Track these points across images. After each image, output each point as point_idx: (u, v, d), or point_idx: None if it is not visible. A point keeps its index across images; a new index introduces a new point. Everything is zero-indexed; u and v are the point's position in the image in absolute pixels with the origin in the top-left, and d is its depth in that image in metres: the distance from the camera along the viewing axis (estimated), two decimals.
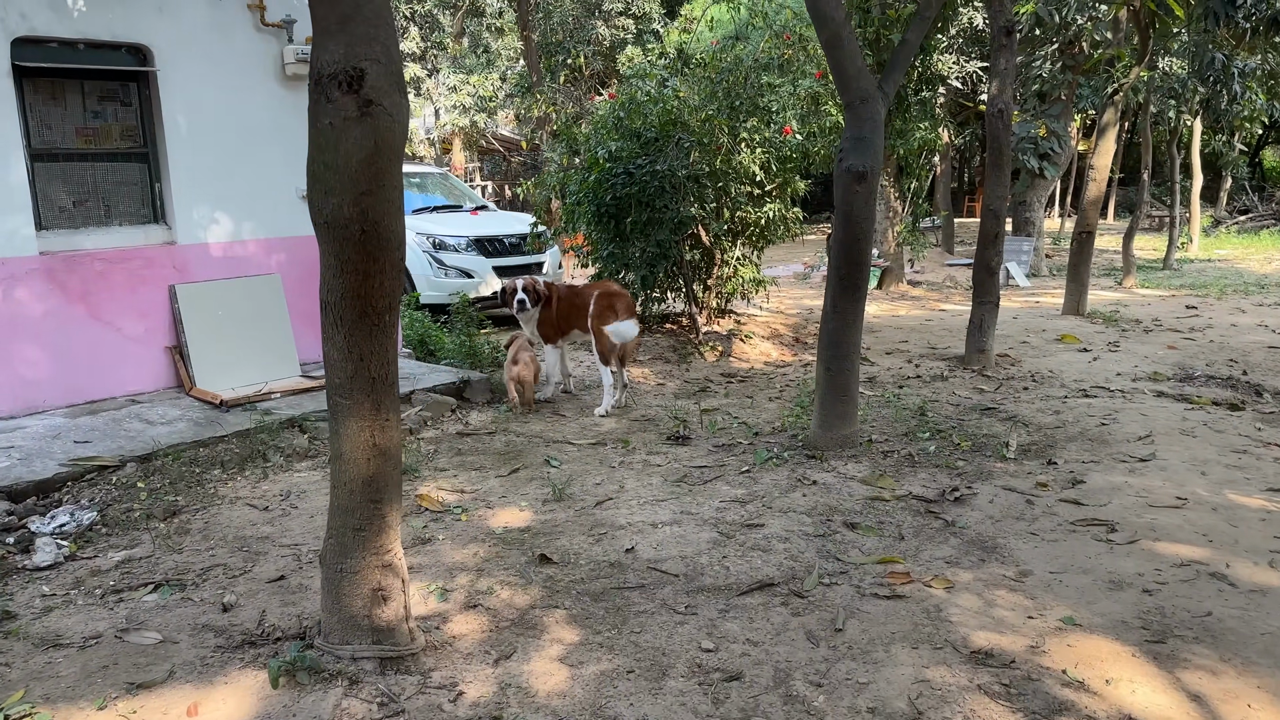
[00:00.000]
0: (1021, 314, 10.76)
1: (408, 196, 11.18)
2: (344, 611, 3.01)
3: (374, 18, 2.57)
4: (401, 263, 2.80)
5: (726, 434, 5.79)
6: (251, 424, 5.28)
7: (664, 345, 8.35)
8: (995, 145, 7.43)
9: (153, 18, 5.48)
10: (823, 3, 5.11)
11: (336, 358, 2.84)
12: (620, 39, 20.56)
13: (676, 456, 5.35)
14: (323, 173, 2.62)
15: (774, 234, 8.91)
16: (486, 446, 5.51)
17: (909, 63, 5.42)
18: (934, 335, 9.34)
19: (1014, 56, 7.40)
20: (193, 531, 4.26)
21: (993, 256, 7.55)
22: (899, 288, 13.50)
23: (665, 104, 7.57)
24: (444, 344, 7.04)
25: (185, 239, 5.80)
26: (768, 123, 8.32)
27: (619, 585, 3.60)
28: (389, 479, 2.98)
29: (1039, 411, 6.18)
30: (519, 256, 10.16)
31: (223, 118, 5.82)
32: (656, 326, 8.93)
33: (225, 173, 5.86)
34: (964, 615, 3.32)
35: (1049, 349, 8.48)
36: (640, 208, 7.39)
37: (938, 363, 7.86)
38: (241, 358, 5.89)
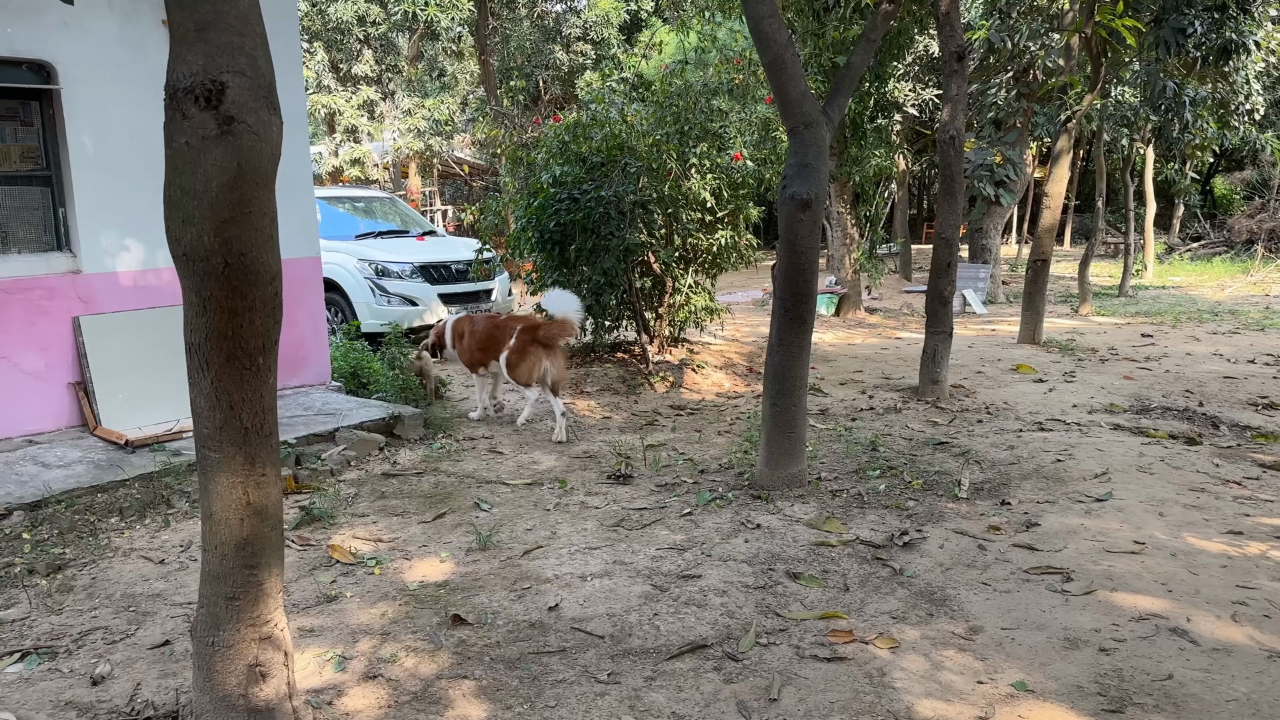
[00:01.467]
0: (977, 343, 10.64)
1: (351, 221, 10.86)
2: (217, 690, 2.66)
3: (239, 25, 2.29)
4: (276, 299, 2.50)
5: (671, 472, 5.51)
6: (157, 466, 4.91)
7: (613, 376, 8.07)
8: (948, 172, 7.28)
9: (57, 33, 5.14)
10: (765, 25, 4.92)
11: (204, 406, 2.52)
12: (579, 64, 20.43)
13: (616, 497, 5.05)
14: (180, 199, 2.32)
15: (726, 261, 8.71)
16: (413, 488, 5.18)
17: (854, 86, 5.24)
18: (889, 365, 9.16)
19: (965, 83, 7.28)
20: (77, 589, 3.88)
21: (946, 285, 7.38)
22: (856, 315, 13.36)
23: (611, 128, 7.34)
24: (378, 376, 6.70)
25: (91, 267, 5.43)
26: (719, 149, 8.13)
27: (538, 650, 3.29)
28: (267, 541, 2.65)
29: (993, 446, 5.98)
30: (466, 284, 9.86)
31: (134, 138, 5.47)
32: (607, 356, 8.66)
33: (137, 196, 5.51)
34: (909, 680, 3.05)
35: (1004, 379, 8.33)
36: (585, 234, 7.13)
37: (891, 394, 7.66)
38: (152, 394, 5.52)
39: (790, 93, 4.90)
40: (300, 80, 6.31)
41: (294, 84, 6.20)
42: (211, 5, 2.26)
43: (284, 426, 5.62)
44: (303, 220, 6.36)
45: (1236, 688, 2.96)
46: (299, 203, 6.33)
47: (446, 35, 20.22)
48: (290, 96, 6.07)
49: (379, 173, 20.28)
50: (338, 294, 9.69)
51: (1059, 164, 9.85)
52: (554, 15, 21.56)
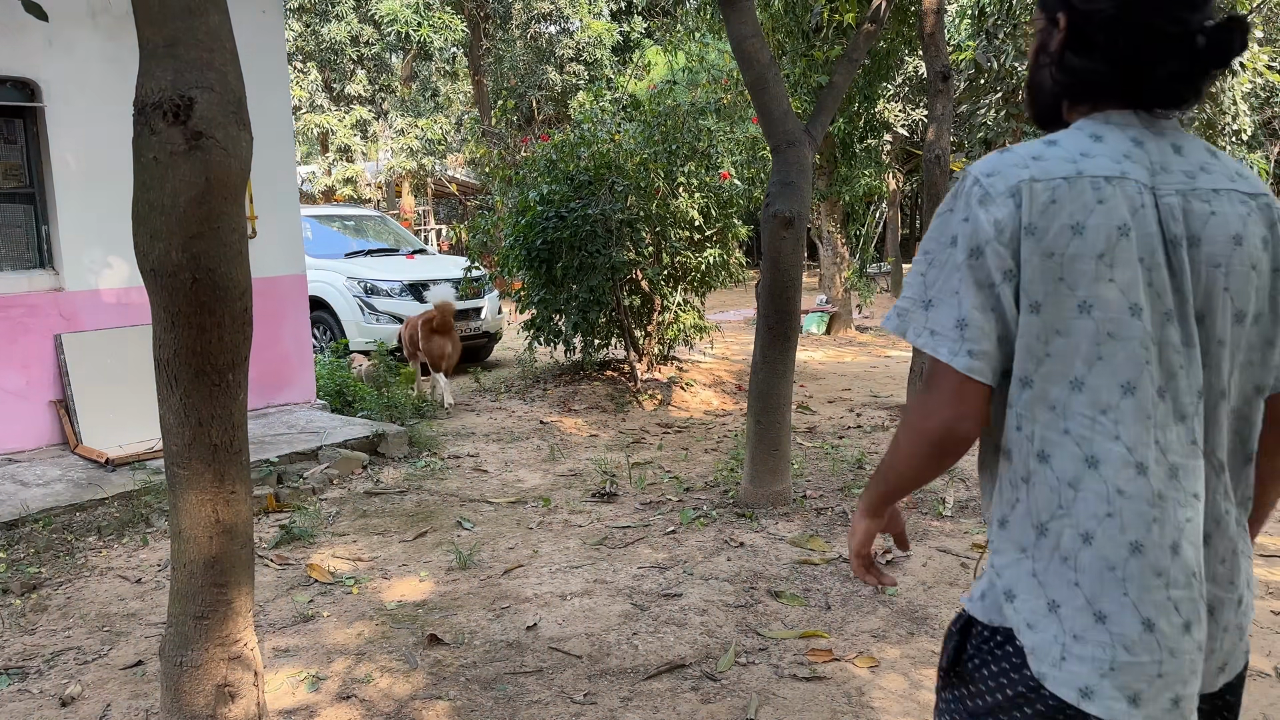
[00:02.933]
0: None
1: (341, 240, 10.86)
2: (184, 711, 2.63)
3: (208, 40, 2.29)
4: (245, 314, 2.49)
5: (656, 490, 5.49)
6: (137, 485, 4.88)
7: (601, 394, 8.06)
8: (934, 192, 7.30)
9: (41, 50, 5.15)
10: (748, 45, 4.95)
11: (173, 422, 2.50)
12: (572, 84, 20.54)
13: (600, 516, 5.03)
14: (147, 214, 2.31)
15: (715, 279, 8.72)
16: (395, 507, 5.15)
17: (837, 105, 5.27)
18: (878, 383, 9.16)
19: (950, 102, 7.32)
20: (51, 608, 3.84)
21: None
22: (847, 333, 13.38)
23: (599, 147, 7.37)
24: (363, 394, 6.67)
25: (74, 285, 5.41)
26: (706, 167, 8.16)
27: (514, 670, 3.26)
28: (236, 560, 2.62)
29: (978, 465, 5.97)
30: (456, 302, 9.84)
31: (118, 156, 5.45)
32: (595, 374, 8.65)
33: (120, 214, 5.47)
34: (887, 699, 3.02)
35: None
36: (572, 252, 7.14)
37: (879, 412, 7.66)
38: (135, 412, 5.49)
39: (773, 111, 4.92)
40: (286, 97, 6.33)
41: (280, 101, 6.23)
42: (181, 21, 2.27)
43: (266, 445, 5.60)
44: (288, 238, 6.37)
45: None
46: (284, 220, 6.33)
47: (440, 56, 20.33)
48: (275, 114, 6.09)
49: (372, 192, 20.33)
50: (326, 312, 9.68)
51: None
52: (547, 36, 21.71)
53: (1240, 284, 1.22)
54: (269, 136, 6.09)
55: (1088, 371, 1.17)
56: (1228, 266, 1.22)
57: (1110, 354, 1.16)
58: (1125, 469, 1.16)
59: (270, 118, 6.07)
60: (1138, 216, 1.17)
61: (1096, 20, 1.22)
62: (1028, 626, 1.20)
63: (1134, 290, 1.16)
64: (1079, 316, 1.17)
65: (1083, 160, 1.20)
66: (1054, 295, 1.17)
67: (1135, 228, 1.17)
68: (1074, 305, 1.16)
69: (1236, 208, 1.23)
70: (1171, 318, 1.18)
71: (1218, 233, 1.21)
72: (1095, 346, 1.17)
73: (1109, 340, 1.16)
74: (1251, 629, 1.33)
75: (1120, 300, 1.16)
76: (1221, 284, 1.22)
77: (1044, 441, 1.21)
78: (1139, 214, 1.18)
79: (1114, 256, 1.16)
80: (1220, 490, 1.25)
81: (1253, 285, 1.24)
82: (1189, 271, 1.19)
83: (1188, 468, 1.19)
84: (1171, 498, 1.17)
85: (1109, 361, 1.16)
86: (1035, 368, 1.20)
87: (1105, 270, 1.15)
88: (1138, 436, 1.16)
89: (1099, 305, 1.16)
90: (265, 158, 6.01)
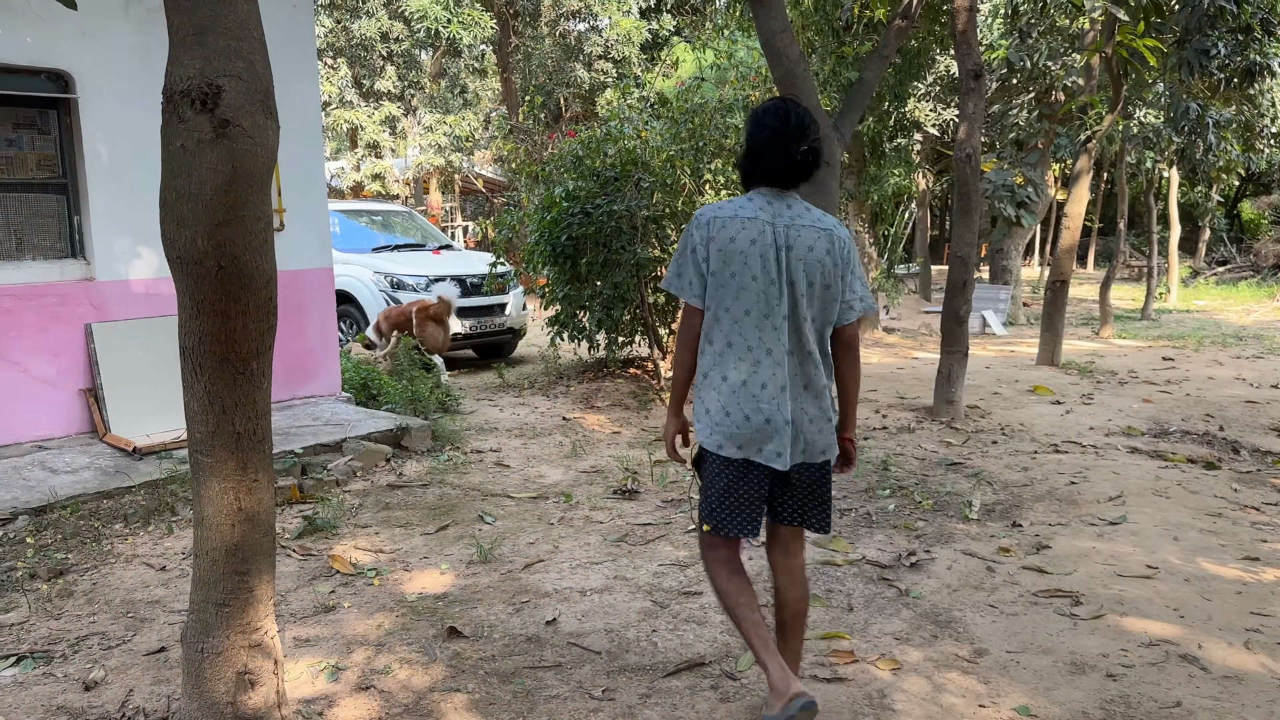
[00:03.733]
0: (995, 363, 10.53)
1: (368, 234, 10.93)
2: (205, 697, 2.64)
3: (237, 29, 2.29)
4: (270, 303, 2.49)
5: (678, 488, 5.47)
6: (163, 473, 4.92)
7: (624, 391, 8.05)
8: (964, 191, 7.23)
9: (75, 42, 5.21)
10: (777, 40, 4.91)
11: (197, 410, 2.51)
12: (600, 82, 20.54)
13: (621, 512, 5.01)
14: (175, 202, 2.32)
15: None
16: (418, 500, 5.16)
17: (866, 102, 5.22)
18: (904, 384, 9.08)
19: (982, 101, 7.24)
20: (77, 594, 3.88)
21: (961, 304, 7.31)
22: (874, 334, 13.28)
23: (625, 143, 7.35)
24: (387, 388, 6.70)
25: (105, 275, 5.47)
26: (733, 165, 8.11)
27: (533, 664, 3.25)
28: (258, 548, 2.63)
29: (1007, 468, 5.89)
30: (480, 297, 9.86)
31: (149, 147, 5.51)
32: (619, 372, 8.64)
33: (150, 205, 5.53)
34: (909, 702, 2.98)
35: (1021, 401, 8.22)
36: (597, 248, 7.13)
37: (905, 413, 7.58)
38: (163, 401, 5.54)
39: None
40: (315, 91, 6.37)
41: (308, 94, 6.26)
42: (210, 9, 2.27)
43: (291, 436, 5.63)
44: (315, 232, 6.40)
45: (1247, 716, 2.87)
46: (312, 214, 6.37)
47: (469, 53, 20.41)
48: (304, 107, 6.13)
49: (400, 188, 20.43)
50: (353, 306, 9.74)
51: (1079, 185, 9.76)
52: (576, 34, 21.74)
53: (812, 269, 2.59)
54: (297, 129, 6.13)
55: (732, 303, 2.57)
56: (805, 260, 2.58)
57: (741, 296, 2.55)
58: (744, 348, 2.56)
59: (298, 111, 6.11)
60: (763, 235, 2.55)
61: (756, 147, 2.63)
62: (700, 423, 2.66)
63: (755, 267, 2.54)
64: (729, 280, 2.56)
65: (740, 209, 2.59)
66: (720, 269, 2.56)
67: (759, 241, 2.54)
68: (728, 274, 2.56)
69: (812, 233, 2.60)
70: (774, 282, 2.55)
71: (800, 244, 2.58)
72: (735, 293, 2.56)
73: (741, 290, 2.55)
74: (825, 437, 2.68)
75: (746, 272, 2.54)
76: (801, 268, 2.58)
77: (711, 332, 2.62)
78: (763, 234, 2.55)
79: (747, 253, 2.54)
80: (810, 364, 2.63)
81: (818, 270, 2.60)
82: (786, 261, 2.57)
83: (775, 350, 2.57)
84: (764, 362, 2.57)
85: (740, 299, 2.55)
86: (713, 301, 2.59)
87: (741, 259, 2.54)
88: (751, 334, 2.56)
89: (738, 274, 2.55)
90: (293, 151, 6.06)
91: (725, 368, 2.61)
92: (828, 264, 2.62)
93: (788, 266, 2.59)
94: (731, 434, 2.61)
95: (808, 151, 2.62)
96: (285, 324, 6.20)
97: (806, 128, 2.61)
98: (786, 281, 2.59)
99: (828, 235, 2.64)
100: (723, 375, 2.62)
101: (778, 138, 2.60)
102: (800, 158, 2.61)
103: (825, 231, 2.64)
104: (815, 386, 2.66)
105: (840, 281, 2.66)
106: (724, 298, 2.59)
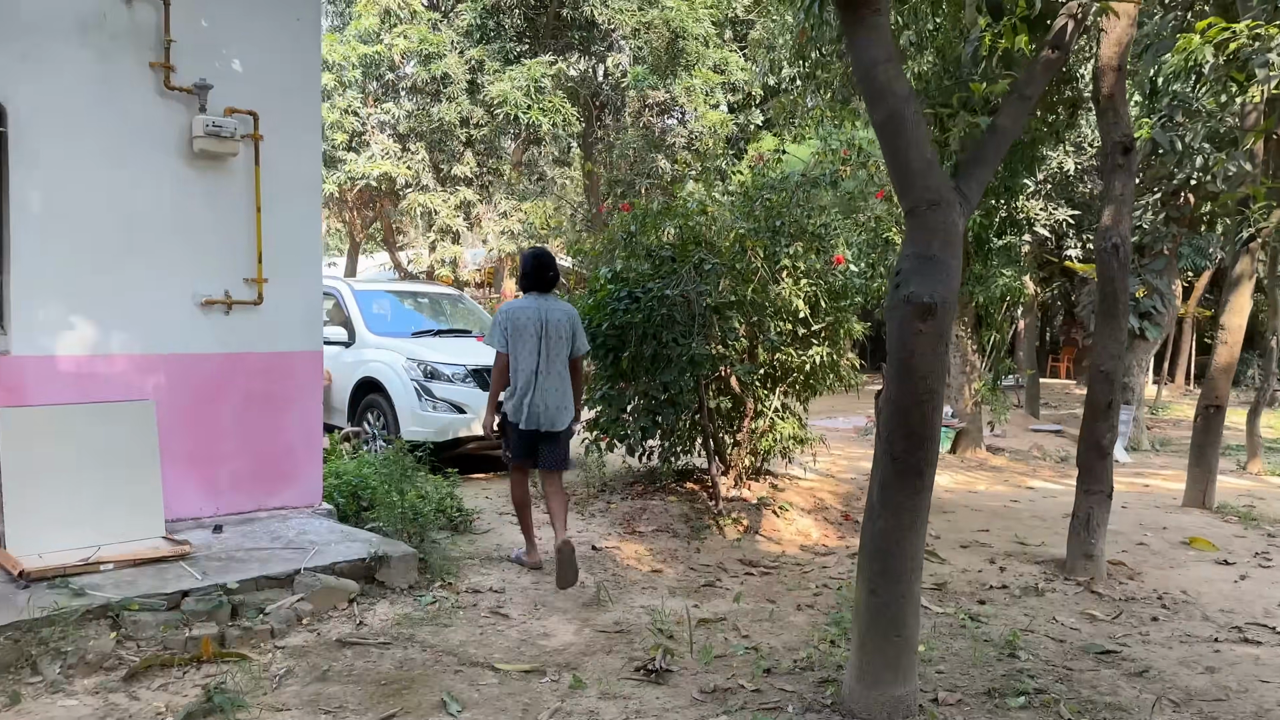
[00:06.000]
0: (1131, 501, 8.74)
1: (412, 317, 9.95)
2: None
3: None
4: None
5: (726, 666, 4.02)
6: (39, 611, 3.72)
7: (674, 513, 6.64)
8: (1109, 289, 5.76)
9: (13, 66, 4.31)
10: (879, 73, 3.65)
11: None
12: (682, 174, 19.73)
13: (642, 706, 3.59)
14: None
15: (821, 383, 7.30)
16: (370, 667, 3.83)
17: (1000, 158, 3.90)
18: (1022, 524, 7.43)
19: (1132, 180, 5.82)
20: None
21: (1105, 431, 5.76)
22: (977, 454, 11.58)
23: (687, 219, 6.15)
24: (382, 499, 5.44)
25: (23, 348, 4.43)
26: (817, 250, 6.85)
27: None
28: None
29: (1181, 664, 4.26)
30: None
31: (98, 198, 4.56)
32: (672, 485, 7.25)
33: (94, 267, 4.56)
34: None
35: (1176, 557, 6.50)
36: (645, 340, 5.87)
37: (1029, 567, 5.97)
38: (81, 510, 4.41)
39: (910, 160, 3.58)
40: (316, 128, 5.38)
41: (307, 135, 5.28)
42: None
43: (232, 564, 4.42)
44: (304, 306, 5.32)
45: None
46: (302, 285, 5.30)
47: (550, 142, 19.94)
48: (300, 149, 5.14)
49: (469, 274, 19.75)
50: (381, 395, 8.66)
51: (1237, 291, 8.14)
52: (660, 126, 21.14)
53: (557, 332, 5.15)
54: (286, 182, 5.13)
55: (519, 350, 5.10)
56: (556, 330, 5.15)
57: (521, 349, 5.09)
58: (526, 372, 5.09)
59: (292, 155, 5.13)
60: (535, 318, 5.12)
61: (530, 274, 5.25)
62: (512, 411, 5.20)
63: (528, 336, 5.09)
64: (518, 341, 5.10)
65: (524, 303, 5.22)
66: (515, 337, 5.11)
67: (534, 322, 5.12)
68: (518, 339, 5.10)
69: (561, 314, 5.21)
70: (537, 343, 5.10)
71: (554, 321, 5.17)
72: (520, 346, 5.09)
73: (522, 347, 5.10)
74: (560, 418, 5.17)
75: (521, 339, 5.09)
76: (555, 333, 5.14)
77: (515, 364, 5.11)
78: (535, 317, 5.13)
79: (525, 330, 5.10)
80: (554, 377, 5.14)
81: (564, 333, 5.19)
82: (546, 331, 5.12)
83: (537, 374, 5.09)
84: (534, 378, 5.10)
85: (519, 350, 5.10)
86: (513, 350, 5.13)
87: (523, 333, 5.10)
88: (528, 366, 5.09)
89: (521, 340, 5.09)
90: (279, 207, 5.07)
91: (519, 380, 5.12)
92: (564, 329, 5.18)
93: (547, 333, 5.10)
94: (521, 412, 5.12)
95: (553, 275, 5.26)
96: (260, 418, 5.08)
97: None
98: (544, 338, 5.11)
99: (567, 313, 5.23)
100: (519, 386, 5.13)
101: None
102: (552, 276, 5.27)
103: (564, 312, 5.22)
104: (557, 388, 5.17)
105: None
106: (516, 348, 5.10)
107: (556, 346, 5.07)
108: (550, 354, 5.04)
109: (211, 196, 4.87)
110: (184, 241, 4.80)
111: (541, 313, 5.05)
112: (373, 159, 17.95)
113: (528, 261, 5.22)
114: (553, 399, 5.07)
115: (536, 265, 5.18)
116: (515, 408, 5.09)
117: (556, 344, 5.07)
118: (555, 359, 5.07)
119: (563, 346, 5.11)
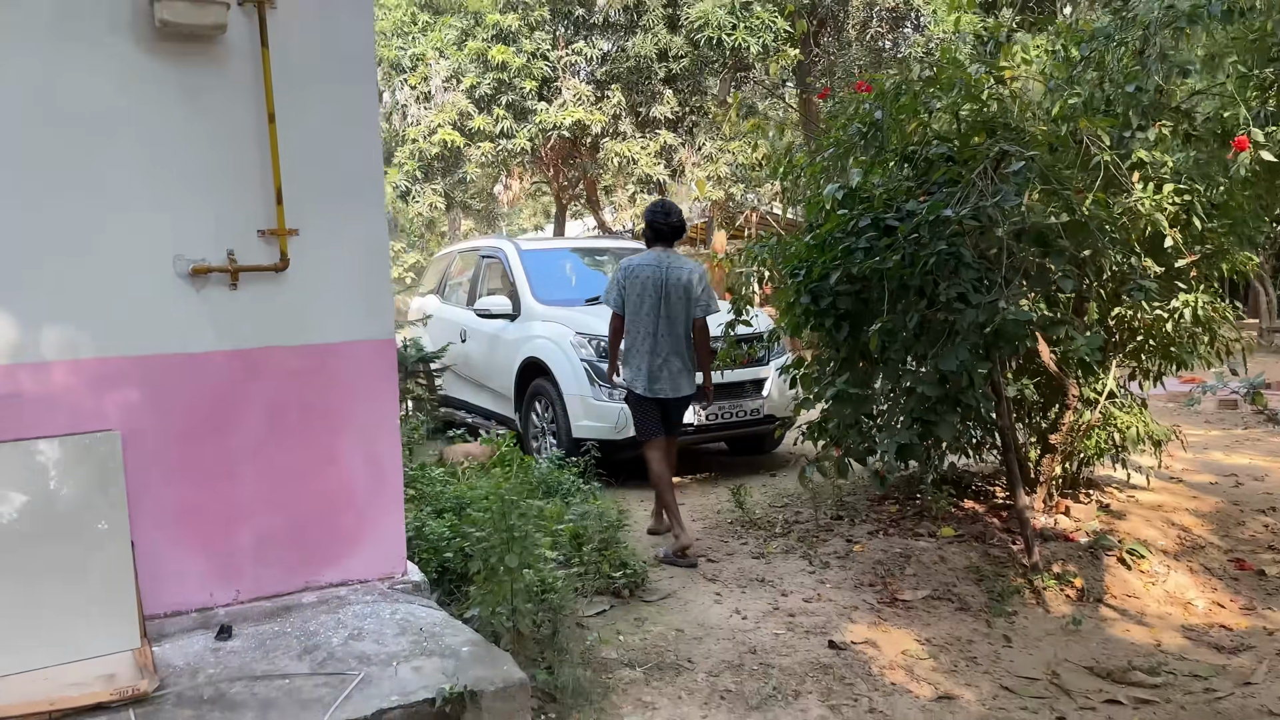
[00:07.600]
0: None
1: (586, 280, 7.98)
2: None
3: None
4: None
5: None
6: None
7: (957, 564, 4.29)
8: None
9: None
10: None
11: None
12: None
13: None
14: None
15: (1188, 350, 4.62)
16: None
17: None
18: None
19: None
20: None
21: None
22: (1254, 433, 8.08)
23: (972, 90, 3.68)
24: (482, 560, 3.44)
25: None
26: (1187, 134, 4.16)
27: None
28: None
29: None
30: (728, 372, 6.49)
31: (13, 106, 2.85)
32: (951, 505, 4.89)
33: (11, 221, 2.86)
34: None
35: None
36: (902, 297, 3.52)
37: None
38: (9, 615, 2.76)
39: None
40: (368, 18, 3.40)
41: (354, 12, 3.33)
42: None
43: (220, 713, 2.60)
44: (361, 274, 3.40)
45: None
46: (356, 239, 3.38)
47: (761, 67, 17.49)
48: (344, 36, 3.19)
49: None
50: (547, 380, 6.81)
51: None
52: (890, 40, 18.11)
53: (678, 293, 4.72)
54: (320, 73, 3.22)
55: (635, 314, 4.76)
56: (677, 289, 4.72)
57: (639, 310, 4.74)
58: (642, 336, 4.74)
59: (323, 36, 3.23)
60: (654, 277, 4.72)
61: (651, 225, 4.96)
62: (630, 380, 4.84)
63: (647, 296, 4.73)
64: (637, 301, 4.75)
65: (645, 259, 4.83)
66: (632, 296, 4.76)
67: (653, 280, 4.72)
68: (636, 299, 4.75)
69: (684, 272, 4.74)
70: (657, 303, 4.72)
71: (675, 279, 4.72)
72: (638, 307, 4.74)
73: (639, 308, 4.75)
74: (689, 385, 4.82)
75: (640, 300, 4.74)
76: (675, 293, 4.72)
77: (630, 328, 4.81)
78: (654, 275, 4.73)
79: (643, 288, 4.73)
80: (679, 350, 4.77)
81: (681, 294, 4.73)
82: (666, 291, 4.71)
83: (656, 338, 4.72)
84: (651, 344, 4.73)
85: (638, 311, 4.75)
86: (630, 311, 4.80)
87: (639, 292, 4.74)
88: (646, 329, 4.72)
89: (640, 300, 4.74)
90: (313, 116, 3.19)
91: (636, 346, 4.93)
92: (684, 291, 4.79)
93: (667, 292, 4.76)
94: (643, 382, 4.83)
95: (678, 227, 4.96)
96: (295, 448, 3.27)
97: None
98: (664, 300, 4.77)
99: (691, 272, 4.81)
100: (634, 349, 4.93)
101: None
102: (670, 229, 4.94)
103: (687, 270, 4.80)
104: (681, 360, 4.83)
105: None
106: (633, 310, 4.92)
107: (678, 308, 4.73)
108: (671, 315, 4.72)
109: (193, 99, 3.07)
110: (153, 175, 3.01)
111: (662, 270, 4.74)
112: (564, 106, 16.29)
113: (649, 212, 5.02)
114: (674, 364, 4.76)
115: (656, 214, 4.94)
116: (634, 374, 4.80)
117: (678, 304, 4.72)
118: (676, 321, 4.74)
119: (684, 308, 4.74)
